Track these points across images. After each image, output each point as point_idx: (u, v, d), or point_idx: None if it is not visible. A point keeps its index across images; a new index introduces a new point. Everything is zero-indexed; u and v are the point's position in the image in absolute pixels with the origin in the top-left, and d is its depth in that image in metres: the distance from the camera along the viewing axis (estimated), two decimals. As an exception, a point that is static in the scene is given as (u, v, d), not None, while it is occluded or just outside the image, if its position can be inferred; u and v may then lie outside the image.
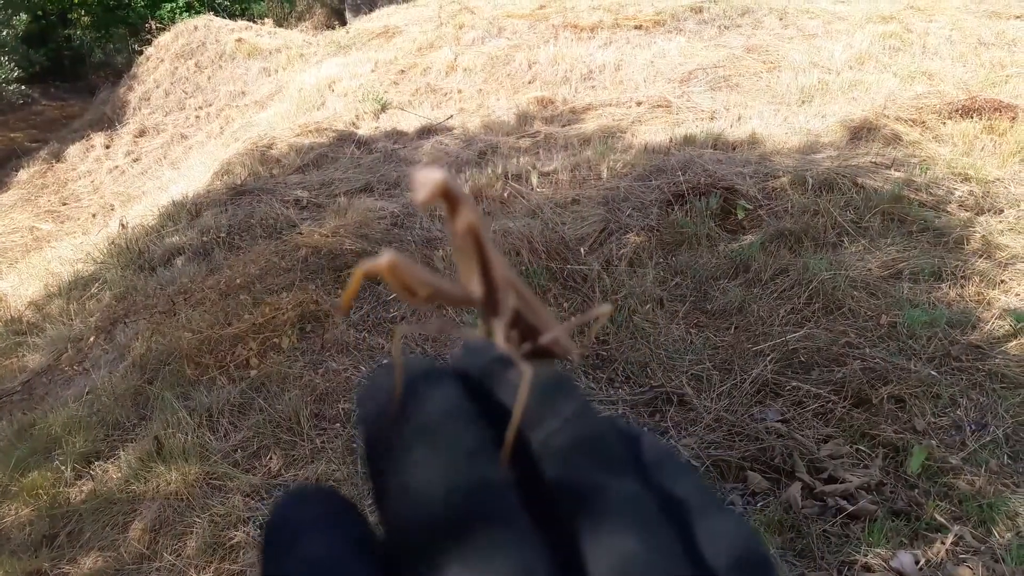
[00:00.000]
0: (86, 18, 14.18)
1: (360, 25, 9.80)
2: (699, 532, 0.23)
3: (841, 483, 2.25)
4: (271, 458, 2.69)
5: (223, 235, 4.24)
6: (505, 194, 4.29)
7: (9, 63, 9.24)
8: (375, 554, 0.23)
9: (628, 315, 3.20)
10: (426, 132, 5.72)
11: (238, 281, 3.57)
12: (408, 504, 0.22)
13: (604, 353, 3.12)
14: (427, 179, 0.26)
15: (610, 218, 3.79)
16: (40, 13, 12.97)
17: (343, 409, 2.88)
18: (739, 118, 5.09)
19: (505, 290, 0.30)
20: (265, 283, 3.63)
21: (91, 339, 3.55)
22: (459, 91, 6.71)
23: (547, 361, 0.32)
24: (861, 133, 4.47)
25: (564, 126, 5.42)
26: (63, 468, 2.72)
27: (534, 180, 4.37)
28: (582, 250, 3.66)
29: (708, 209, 3.69)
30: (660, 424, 2.65)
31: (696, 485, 0.25)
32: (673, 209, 3.74)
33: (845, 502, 2.18)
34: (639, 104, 5.47)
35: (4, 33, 9.26)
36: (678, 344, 3.07)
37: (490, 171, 4.56)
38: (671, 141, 4.57)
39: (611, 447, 0.24)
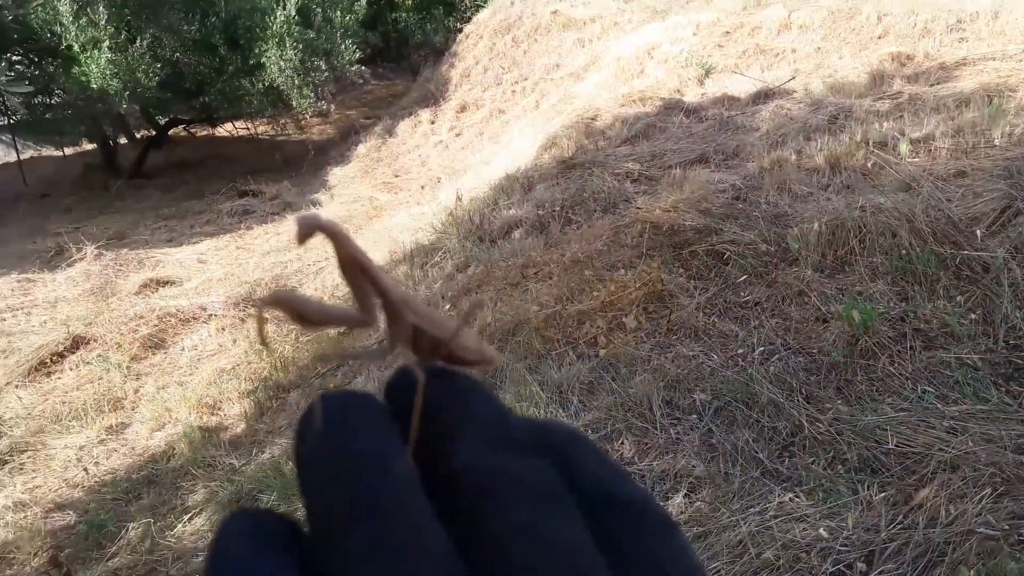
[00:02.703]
0: (410, 1, 15.47)
1: (675, -13, 9.42)
2: (608, 509, 0.25)
3: None
4: (623, 443, 2.58)
5: (558, 209, 4.24)
6: (868, 164, 3.75)
7: (352, 45, 10.25)
8: (296, 552, 0.24)
9: (1053, 316, 2.59)
10: (762, 96, 5.26)
11: (580, 256, 3.52)
12: (321, 500, 0.24)
13: (1019, 361, 2.56)
14: (304, 221, 0.28)
15: (1015, 195, 3.11)
16: (374, -1, 14.40)
17: (698, 400, 2.68)
18: None
19: (400, 309, 0.31)
20: (604, 259, 3.54)
21: (446, 307, 3.74)
22: (793, 50, 6.11)
23: (466, 370, 0.31)
24: None
25: (932, 85, 4.64)
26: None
27: (903, 148, 3.76)
28: (978, 232, 3.05)
29: None
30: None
31: (604, 464, 0.27)
32: (1113, 184, 2.96)
33: None
34: (1037, 55, 4.49)
35: (348, 18, 10.27)
36: None
37: (847, 138, 4.03)
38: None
39: (520, 435, 0.26)
